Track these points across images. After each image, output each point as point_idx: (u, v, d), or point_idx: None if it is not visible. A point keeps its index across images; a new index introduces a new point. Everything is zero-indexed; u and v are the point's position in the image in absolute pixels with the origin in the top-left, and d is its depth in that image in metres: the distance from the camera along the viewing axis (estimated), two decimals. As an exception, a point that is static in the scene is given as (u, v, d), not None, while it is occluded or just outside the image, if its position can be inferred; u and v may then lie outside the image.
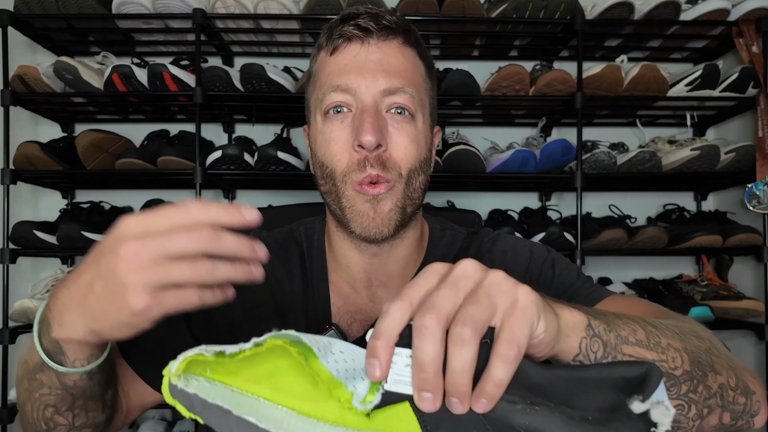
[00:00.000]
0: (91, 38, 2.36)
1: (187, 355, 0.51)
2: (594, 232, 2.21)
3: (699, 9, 2.18)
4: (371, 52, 0.95)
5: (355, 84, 0.93)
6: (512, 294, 0.51)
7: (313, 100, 1.01)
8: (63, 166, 2.17)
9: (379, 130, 0.91)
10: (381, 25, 0.94)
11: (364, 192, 0.93)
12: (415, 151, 0.96)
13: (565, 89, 2.17)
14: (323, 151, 0.97)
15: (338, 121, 0.95)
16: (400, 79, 0.94)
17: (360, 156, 0.92)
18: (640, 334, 0.68)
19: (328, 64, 0.97)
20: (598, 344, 0.64)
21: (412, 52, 0.99)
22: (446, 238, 1.13)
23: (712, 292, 2.23)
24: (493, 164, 2.22)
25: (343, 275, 1.08)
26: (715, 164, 2.21)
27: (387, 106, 0.94)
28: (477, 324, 0.47)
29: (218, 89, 2.14)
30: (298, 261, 1.10)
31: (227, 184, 2.44)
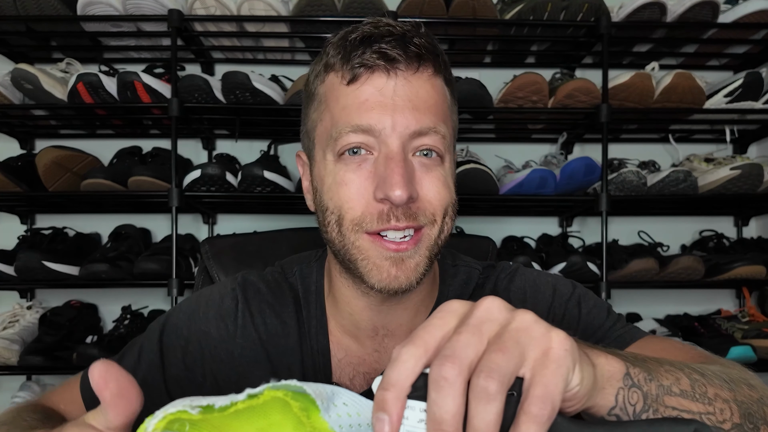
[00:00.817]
0: (54, 43, 2.33)
1: (168, 411, 0.48)
2: (621, 261, 2.14)
3: (740, 10, 2.12)
4: (399, 85, 0.85)
5: (381, 125, 0.84)
6: (545, 341, 0.47)
7: (319, 132, 0.93)
8: (22, 188, 2.11)
9: (410, 182, 0.84)
10: (410, 52, 0.85)
11: (384, 247, 0.87)
12: (448, 195, 0.90)
13: (588, 100, 2.10)
14: (331, 195, 0.89)
15: (355, 164, 0.87)
16: (431, 118, 0.86)
17: (383, 208, 0.85)
18: (684, 383, 0.65)
19: (344, 95, 0.88)
20: (638, 396, 0.61)
21: (440, 81, 0.90)
22: (460, 276, 1.07)
23: (754, 329, 2.15)
24: (507, 185, 2.16)
25: (344, 323, 1.02)
26: (757, 185, 2.14)
27: (414, 149, 0.87)
28: (504, 376, 0.44)
29: (197, 100, 2.08)
30: (293, 309, 1.04)
31: (207, 207, 2.37)
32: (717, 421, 0.65)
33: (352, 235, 0.88)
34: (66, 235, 2.28)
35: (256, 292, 1.05)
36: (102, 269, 2.06)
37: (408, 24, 0.90)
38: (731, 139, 2.41)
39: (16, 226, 2.42)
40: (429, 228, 0.89)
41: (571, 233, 2.48)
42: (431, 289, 1.03)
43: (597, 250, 2.17)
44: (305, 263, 1.09)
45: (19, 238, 2.29)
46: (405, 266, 0.87)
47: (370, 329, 1.00)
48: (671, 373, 0.65)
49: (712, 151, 2.40)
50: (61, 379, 2.19)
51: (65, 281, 2.14)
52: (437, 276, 1.07)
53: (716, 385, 0.67)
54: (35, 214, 2.45)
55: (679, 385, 0.64)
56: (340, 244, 0.90)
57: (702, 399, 0.65)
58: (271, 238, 1.49)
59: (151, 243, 2.38)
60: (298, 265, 1.09)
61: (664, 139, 2.46)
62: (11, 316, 2.19)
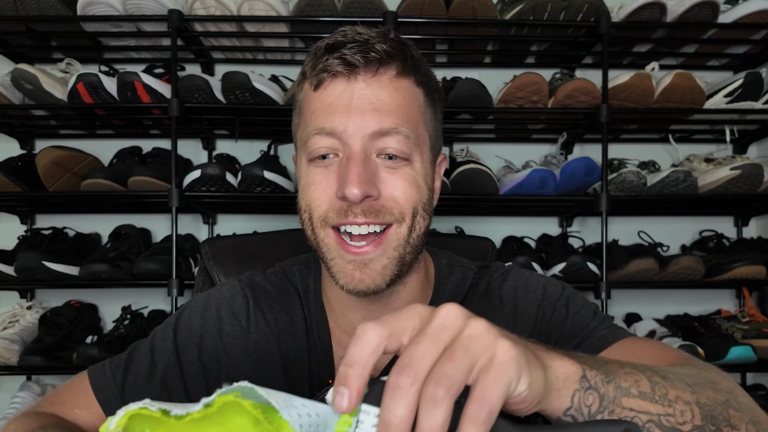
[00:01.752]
0: (54, 43, 2.33)
1: (129, 409, 0.49)
2: (621, 262, 2.15)
3: (740, 10, 2.13)
4: (359, 89, 0.89)
5: (342, 127, 0.88)
6: (491, 349, 0.49)
7: (298, 136, 0.98)
8: (22, 188, 2.12)
9: (367, 180, 0.87)
10: (369, 58, 0.89)
11: (346, 251, 0.90)
12: (415, 195, 0.92)
13: (588, 100, 2.10)
14: (304, 195, 0.94)
15: (323, 167, 0.92)
16: (392, 118, 0.89)
17: (342, 204, 0.88)
18: (644, 385, 0.66)
19: (313, 100, 0.93)
20: (594, 397, 0.62)
21: (407, 83, 0.93)
22: (455, 275, 1.09)
23: (754, 329, 2.16)
24: (507, 185, 2.16)
25: (341, 323, 1.05)
26: (757, 185, 2.15)
27: (377, 151, 0.89)
28: (452, 383, 0.47)
29: (197, 100, 2.08)
30: (300, 306, 1.07)
31: (207, 207, 2.38)
32: (677, 422, 0.66)
33: (321, 231, 0.91)
34: (66, 235, 2.28)
35: (264, 291, 1.07)
36: (102, 269, 2.07)
37: (376, 32, 0.93)
38: (731, 139, 2.41)
39: (16, 226, 2.42)
40: (397, 227, 0.90)
41: (571, 233, 2.49)
42: (424, 288, 1.05)
43: (597, 250, 2.18)
44: (303, 265, 1.11)
45: (19, 238, 2.30)
46: (369, 269, 0.89)
47: None
48: (631, 375, 0.66)
49: (712, 152, 2.41)
50: (61, 379, 2.16)
51: (65, 281, 2.14)
52: (431, 276, 1.08)
53: (678, 388, 0.69)
54: (35, 215, 2.45)
55: (639, 387, 0.66)
56: (315, 242, 0.94)
57: (662, 401, 0.66)
58: (272, 239, 1.50)
59: (151, 243, 2.38)
60: (297, 266, 1.11)
61: (664, 139, 2.47)
62: (11, 316, 2.20)
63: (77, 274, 2.13)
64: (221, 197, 2.13)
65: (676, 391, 0.68)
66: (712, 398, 0.71)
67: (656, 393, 0.66)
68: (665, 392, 0.67)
